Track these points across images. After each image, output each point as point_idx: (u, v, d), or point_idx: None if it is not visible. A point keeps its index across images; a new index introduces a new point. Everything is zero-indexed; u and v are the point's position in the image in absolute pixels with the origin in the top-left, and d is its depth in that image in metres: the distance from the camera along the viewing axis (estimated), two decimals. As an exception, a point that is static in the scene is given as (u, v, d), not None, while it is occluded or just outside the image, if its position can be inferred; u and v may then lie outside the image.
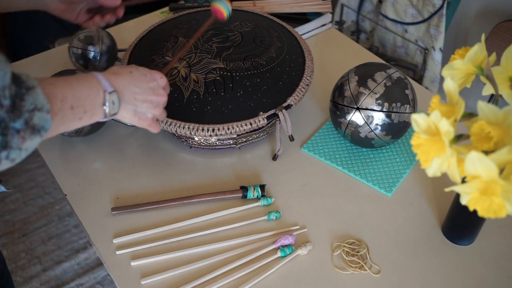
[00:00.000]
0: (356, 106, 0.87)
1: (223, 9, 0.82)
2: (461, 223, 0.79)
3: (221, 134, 0.86)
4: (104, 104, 0.64)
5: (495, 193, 0.50)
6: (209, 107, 0.88)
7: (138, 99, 0.70)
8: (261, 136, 0.96)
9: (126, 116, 0.70)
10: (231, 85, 0.89)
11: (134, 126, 1.00)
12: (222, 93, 0.89)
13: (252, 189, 0.86)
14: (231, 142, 0.93)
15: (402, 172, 0.92)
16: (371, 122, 0.86)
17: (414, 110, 0.89)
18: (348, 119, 0.88)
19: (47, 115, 0.53)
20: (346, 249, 0.80)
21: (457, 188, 0.52)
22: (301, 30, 1.23)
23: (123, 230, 0.83)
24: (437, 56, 1.57)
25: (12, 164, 0.52)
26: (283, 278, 0.77)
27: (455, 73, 0.66)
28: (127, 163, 0.94)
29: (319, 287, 0.76)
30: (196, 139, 0.93)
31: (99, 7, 0.91)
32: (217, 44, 0.95)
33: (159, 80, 0.73)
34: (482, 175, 0.51)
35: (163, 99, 0.73)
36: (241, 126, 0.86)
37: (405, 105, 0.87)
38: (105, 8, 0.90)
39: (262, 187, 0.87)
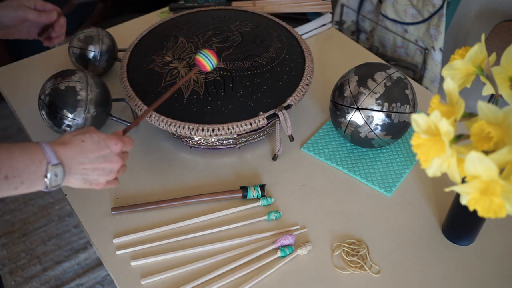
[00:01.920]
0: (356, 106, 0.87)
1: (207, 64, 0.77)
2: (461, 223, 0.79)
3: (221, 134, 0.86)
4: (45, 176, 0.61)
5: (495, 193, 0.50)
6: (209, 107, 0.87)
7: (87, 168, 0.67)
8: (261, 136, 0.96)
9: (75, 183, 0.67)
10: (231, 85, 0.89)
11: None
12: (222, 93, 0.89)
13: (252, 189, 0.86)
14: (231, 142, 0.93)
15: (402, 172, 0.92)
16: (371, 122, 0.86)
17: (414, 110, 0.89)
18: (348, 119, 0.88)
19: None
20: (346, 249, 0.80)
21: (457, 188, 0.52)
22: (301, 30, 1.23)
23: (123, 230, 0.83)
24: (437, 56, 1.57)
25: None
26: (283, 278, 0.77)
27: (455, 73, 0.66)
28: (127, 163, 0.94)
29: (319, 287, 0.76)
30: (196, 139, 0.93)
31: (46, 25, 0.91)
32: (217, 44, 0.95)
33: (113, 147, 0.69)
34: (482, 175, 0.51)
35: (116, 165, 0.70)
36: (241, 126, 0.86)
37: (405, 105, 0.87)
38: (50, 25, 0.91)
39: (262, 187, 0.87)
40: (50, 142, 0.64)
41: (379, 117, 0.86)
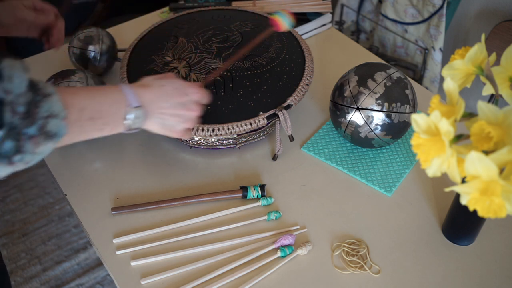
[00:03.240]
0: (356, 106, 0.87)
1: (284, 23, 0.81)
2: (461, 223, 0.79)
3: (221, 134, 0.86)
4: (127, 118, 0.63)
5: (495, 193, 0.50)
6: (209, 107, 0.87)
7: (166, 113, 0.68)
8: (261, 136, 0.96)
9: (153, 127, 0.69)
10: (231, 85, 0.89)
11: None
12: (222, 93, 0.89)
13: (252, 189, 0.86)
14: (231, 142, 0.93)
15: (402, 172, 0.92)
16: (371, 122, 0.86)
17: (414, 110, 0.89)
18: (348, 119, 0.88)
19: (62, 122, 0.54)
20: (346, 249, 0.80)
21: (457, 188, 0.52)
22: (301, 30, 1.23)
23: (123, 230, 0.83)
24: (437, 56, 1.57)
25: (27, 166, 0.54)
26: (283, 278, 0.77)
27: (455, 73, 0.66)
28: (127, 163, 0.94)
29: (319, 287, 0.76)
30: (196, 139, 0.93)
31: (46, 27, 0.92)
32: (217, 44, 0.95)
33: (192, 95, 0.70)
34: (482, 175, 0.51)
35: (194, 113, 0.71)
36: (241, 126, 0.86)
37: (405, 105, 0.87)
38: (50, 27, 0.92)
39: (262, 187, 0.87)
40: (130, 84, 0.64)
41: (379, 117, 0.86)
